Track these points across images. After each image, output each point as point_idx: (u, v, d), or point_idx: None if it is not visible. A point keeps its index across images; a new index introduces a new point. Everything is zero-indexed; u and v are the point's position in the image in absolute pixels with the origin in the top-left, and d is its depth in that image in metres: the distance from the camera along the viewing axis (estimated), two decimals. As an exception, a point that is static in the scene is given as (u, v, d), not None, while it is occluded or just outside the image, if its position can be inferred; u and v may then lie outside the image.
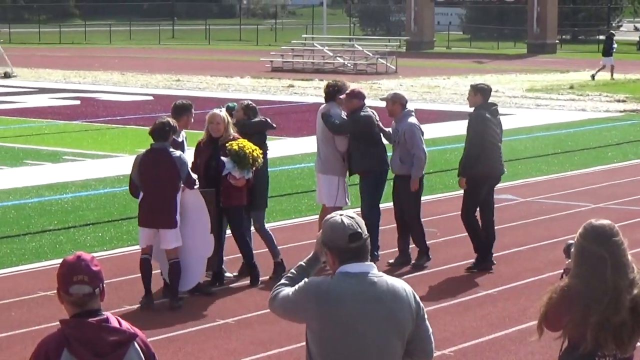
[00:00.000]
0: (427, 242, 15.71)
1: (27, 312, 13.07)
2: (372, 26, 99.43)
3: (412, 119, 15.68)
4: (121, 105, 38.16)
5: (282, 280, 6.42)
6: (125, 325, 5.53)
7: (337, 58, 59.55)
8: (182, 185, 13.29)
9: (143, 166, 13.33)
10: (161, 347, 11.38)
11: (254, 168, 13.90)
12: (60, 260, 5.69)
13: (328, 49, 61.81)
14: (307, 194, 20.38)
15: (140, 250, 13.65)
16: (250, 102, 15.42)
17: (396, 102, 15.77)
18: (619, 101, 40.62)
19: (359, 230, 6.10)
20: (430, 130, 31.17)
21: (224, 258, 14.53)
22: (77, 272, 5.47)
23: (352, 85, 16.67)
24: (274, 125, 15.52)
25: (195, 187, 13.51)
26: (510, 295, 14.04)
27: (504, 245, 16.54)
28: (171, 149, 13.29)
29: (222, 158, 13.76)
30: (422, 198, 15.95)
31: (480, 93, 16.27)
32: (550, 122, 34.22)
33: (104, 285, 5.61)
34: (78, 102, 38.42)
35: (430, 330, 6.36)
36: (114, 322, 5.51)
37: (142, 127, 30.78)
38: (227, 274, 14.60)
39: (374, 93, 40.84)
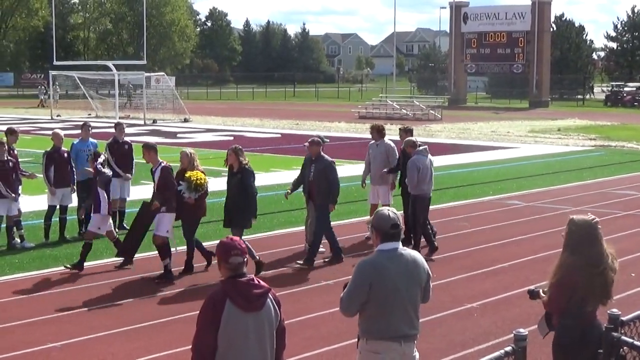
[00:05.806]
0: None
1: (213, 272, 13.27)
2: (426, 88, 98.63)
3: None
4: (260, 140, 38.37)
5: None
6: (263, 283, 5.60)
7: (402, 110, 59.19)
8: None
9: None
10: (284, 299, 11.29)
11: (198, 193, 12.88)
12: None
13: (396, 104, 61.47)
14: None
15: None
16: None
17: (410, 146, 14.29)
18: (590, 139, 39.97)
19: (398, 222, 6.08)
20: (464, 158, 31.12)
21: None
22: (233, 248, 5.46)
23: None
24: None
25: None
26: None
27: (479, 243, 16.35)
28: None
29: (181, 182, 12.97)
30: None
31: (409, 133, 15.29)
32: (544, 152, 33.74)
33: (248, 258, 5.63)
34: (232, 137, 38.57)
35: (431, 285, 6.33)
36: (256, 281, 5.55)
37: (273, 155, 31.09)
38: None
39: (427, 133, 40.79)
